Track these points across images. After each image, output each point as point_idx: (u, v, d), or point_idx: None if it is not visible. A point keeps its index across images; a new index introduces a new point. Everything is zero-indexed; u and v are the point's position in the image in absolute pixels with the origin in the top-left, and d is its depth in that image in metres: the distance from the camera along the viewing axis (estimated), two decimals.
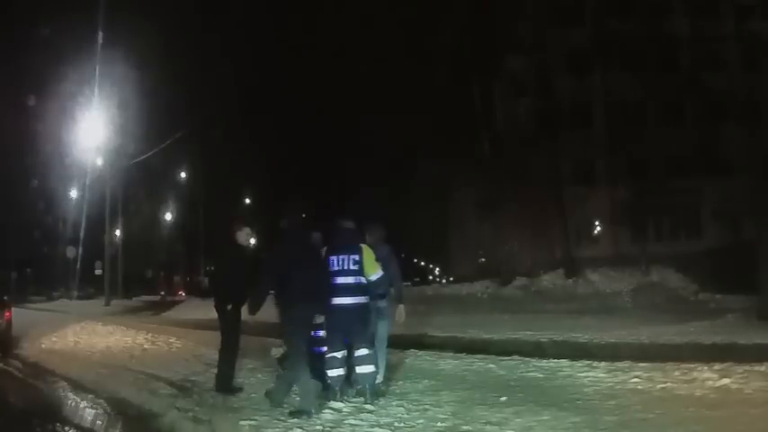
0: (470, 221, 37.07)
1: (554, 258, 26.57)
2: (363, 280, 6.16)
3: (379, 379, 6.47)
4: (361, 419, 5.42)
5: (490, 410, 5.60)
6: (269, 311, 6.44)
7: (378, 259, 6.25)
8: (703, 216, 29.59)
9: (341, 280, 6.11)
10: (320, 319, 6.33)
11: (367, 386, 6.07)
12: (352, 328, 6.11)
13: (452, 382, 7.02)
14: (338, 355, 6.10)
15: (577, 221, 28.55)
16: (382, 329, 6.50)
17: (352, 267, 6.12)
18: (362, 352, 6.07)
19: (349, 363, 6.16)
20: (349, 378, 6.23)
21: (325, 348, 6.62)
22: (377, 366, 6.21)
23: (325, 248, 6.33)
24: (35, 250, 45.32)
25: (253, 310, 6.12)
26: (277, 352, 6.75)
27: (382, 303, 6.42)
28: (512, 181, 29.42)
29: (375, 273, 6.19)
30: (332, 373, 6.09)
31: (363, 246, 6.24)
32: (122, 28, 29.06)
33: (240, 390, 6.68)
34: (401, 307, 6.54)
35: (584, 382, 6.86)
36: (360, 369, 6.06)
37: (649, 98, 28.88)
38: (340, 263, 6.13)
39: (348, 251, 6.15)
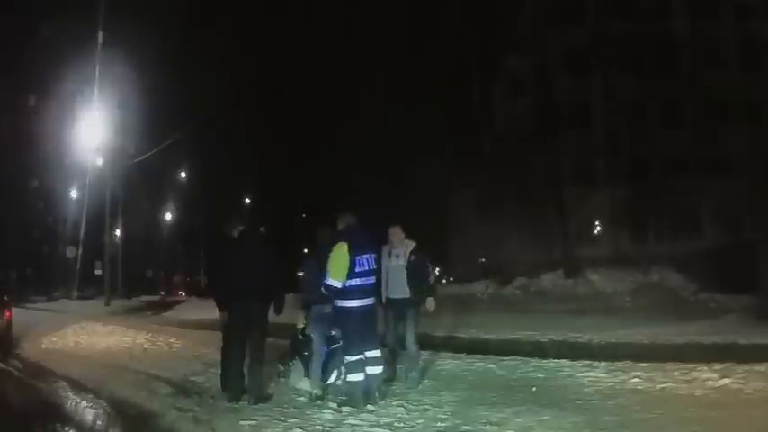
0: (470, 221, 37.02)
1: (554, 258, 26.53)
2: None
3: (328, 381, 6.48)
4: (361, 419, 5.42)
5: (490, 410, 5.60)
6: (271, 311, 6.48)
7: None
8: (703, 216, 29.56)
9: (367, 280, 6.02)
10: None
11: (375, 387, 6.07)
12: (371, 329, 6.12)
13: (452, 382, 7.03)
14: (361, 357, 5.97)
15: (577, 221, 28.52)
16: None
17: (374, 266, 6.13)
18: (376, 353, 6.08)
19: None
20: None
21: (327, 348, 6.59)
22: (386, 368, 6.29)
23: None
24: (35, 250, 45.27)
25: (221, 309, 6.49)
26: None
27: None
28: (511, 181, 29.44)
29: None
30: (354, 377, 5.96)
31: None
32: (122, 28, 29.02)
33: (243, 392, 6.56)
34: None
35: (584, 382, 6.87)
36: (371, 370, 6.03)
37: (649, 98, 28.87)
38: (366, 263, 6.02)
39: (370, 251, 6.13)
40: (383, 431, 5.14)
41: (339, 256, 5.84)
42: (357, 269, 5.90)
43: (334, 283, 5.82)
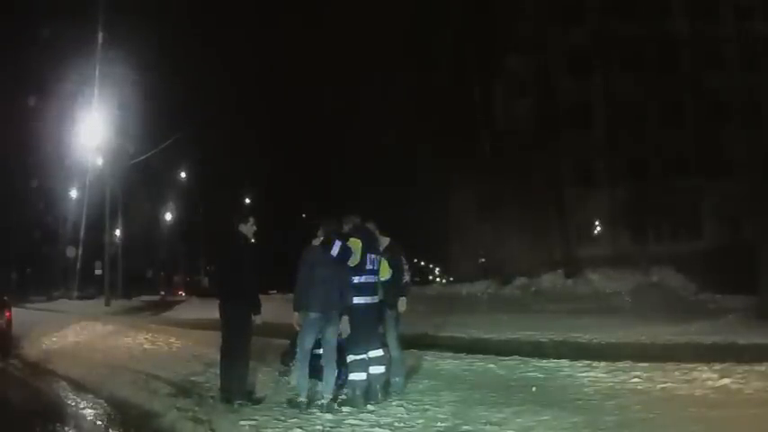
0: (470, 221, 37.02)
1: (554, 258, 26.56)
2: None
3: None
4: (361, 419, 5.42)
5: (490, 410, 5.60)
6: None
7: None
8: (703, 216, 29.58)
9: (372, 278, 6.07)
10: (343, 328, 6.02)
11: (378, 386, 6.07)
12: (375, 327, 6.12)
13: (452, 382, 7.02)
14: (365, 357, 5.96)
15: (577, 221, 28.55)
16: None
17: (376, 267, 6.14)
18: (379, 353, 6.08)
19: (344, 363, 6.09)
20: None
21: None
22: (389, 367, 6.25)
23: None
24: (35, 250, 45.26)
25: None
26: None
27: None
28: (512, 181, 29.43)
29: (387, 274, 6.25)
30: (356, 376, 5.93)
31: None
32: (122, 28, 29.05)
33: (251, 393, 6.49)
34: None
35: (584, 382, 6.87)
36: (373, 369, 6.04)
37: (649, 98, 28.88)
38: (374, 262, 6.09)
39: (376, 251, 6.16)
40: (383, 431, 5.14)
41: (355, 249, 5.95)
42: (367, 266, 6.02)
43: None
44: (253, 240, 6.60)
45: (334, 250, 5.81)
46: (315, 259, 5.91)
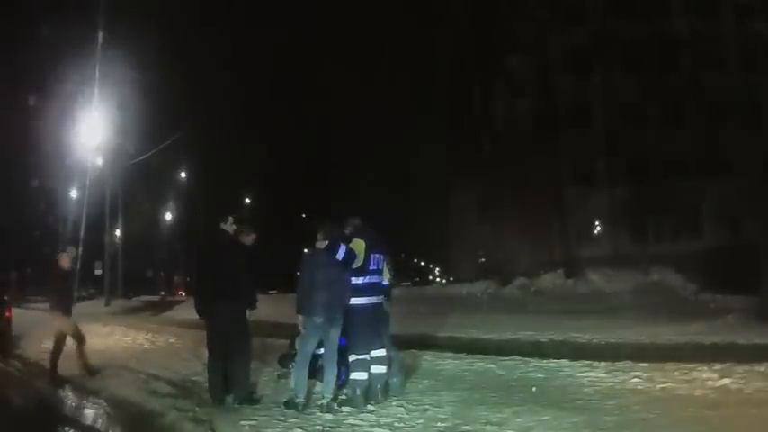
0: (470, 221, 37.05)
1: (554, 258, 26.56)
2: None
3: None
4: (361, 419, 5.43)
5: (490, 410, 5.60)
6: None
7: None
8: (703, 216, 29.57)
9: (376, 278, 6.08)
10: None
11: (378, 386, 6.08)
12: (380, 327, 6.13)
13: (452, 382, 7.03)
14: (367, 357, 5.98)
15: (577, 221, 28.54)
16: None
17: (380, 267, 6.15)
18: (381, 353, 6.09)
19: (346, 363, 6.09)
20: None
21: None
22: (390, 367, 6.25)
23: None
24: (35, 250, 45.22)
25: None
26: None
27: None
28: (512, 181, 29.45)
29: (387, 280, 6.29)
30: (357, 376, 5.93)
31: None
32: (122, 28, 29.00)
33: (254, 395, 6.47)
34: None
35: (584, 382, 6.88)
36: (375, 369, 6.05)
37: (649, 98, 28.88)
38: (377, 262, 6.10)
39: (380, 251, 6.18)
40: (383, 431, 5.15)
41: (358, 251, 5.93)
42: (371, 267, 6.03)
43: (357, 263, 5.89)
44: (253, 240, 6.56)
45: (340, 254, 5.81)
46: (318, 262, 5.90)
